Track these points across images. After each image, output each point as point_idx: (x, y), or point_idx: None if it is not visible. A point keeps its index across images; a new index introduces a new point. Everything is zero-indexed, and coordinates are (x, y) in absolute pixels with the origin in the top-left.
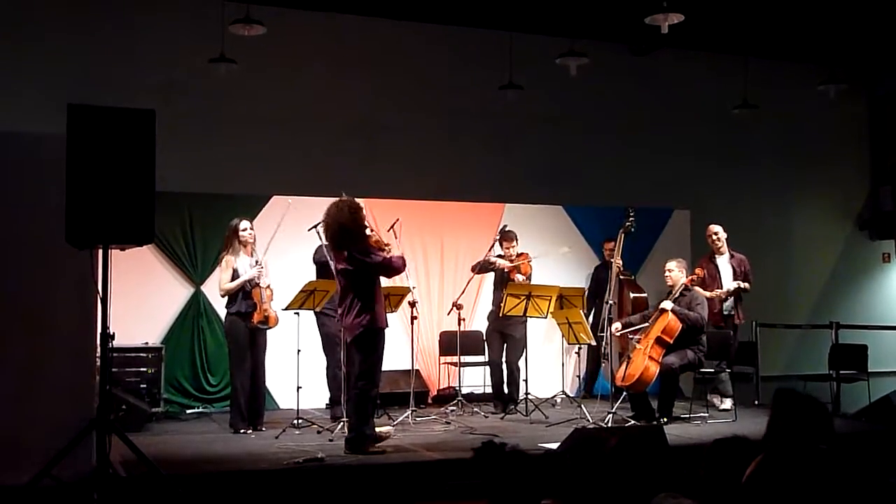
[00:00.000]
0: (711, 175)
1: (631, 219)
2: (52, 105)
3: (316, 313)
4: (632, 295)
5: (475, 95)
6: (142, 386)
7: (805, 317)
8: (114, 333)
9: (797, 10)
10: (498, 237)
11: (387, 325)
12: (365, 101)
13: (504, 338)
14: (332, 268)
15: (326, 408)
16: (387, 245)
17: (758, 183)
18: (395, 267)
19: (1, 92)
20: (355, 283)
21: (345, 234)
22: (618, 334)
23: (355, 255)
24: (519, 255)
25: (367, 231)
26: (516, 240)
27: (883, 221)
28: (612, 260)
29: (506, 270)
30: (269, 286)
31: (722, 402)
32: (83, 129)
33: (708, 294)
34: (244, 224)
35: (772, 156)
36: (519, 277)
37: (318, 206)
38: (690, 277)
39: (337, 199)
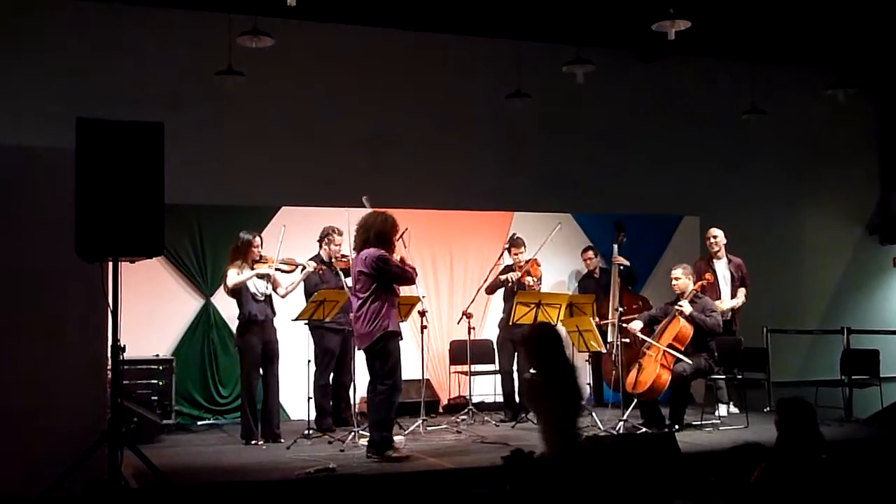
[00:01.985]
0: (720, 181)
1: (622, 233)
2: (61, 119)
3: (312, 326)
4: (635, 304)
5: (483, 104)
6: (153, 398)
7: (816, 322)
8: (124, 346)
9: (804, 15)
10: (507, 245)
11: (400, 335)
12: (373, 111)
13: (515, 346)
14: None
15: None
16: (411, 267)
17: (767, 188)
18: (408, 277)
19: (10, 107)
20: (371, 288)
21: (373, 237)
22: (639, 334)
23: (375, 259)
24: (527, 261)
25: (396, 246)
26: (524, 245)
27: (893, 226)
28: (592, 269)
29: (515, 280)
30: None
31: (718, 408)
32: (92, 142)
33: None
34: (257, 240)
35: (781, 161)
36: (530, 280)
37: (327, 218)
38: (700, 283)
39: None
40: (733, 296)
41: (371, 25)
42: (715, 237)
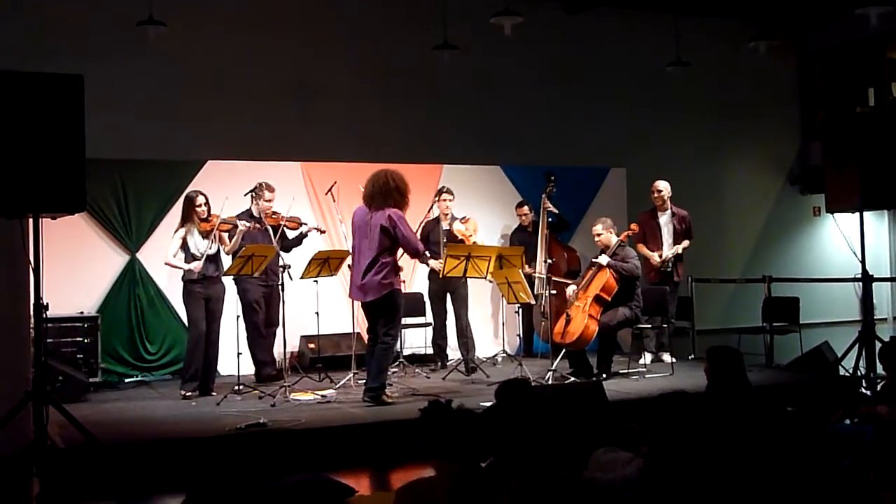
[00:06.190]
0: (646, 133)
1: (552, 184)
2: None
3: (237, 279)
4: (565, 255)
5: (411, 56)
6: (78, 356)
7: (739, 271)
8: (47, 304)
9: None
10: (436, 198)
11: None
12: (300, 63)
13: (445, 298)
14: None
15: None
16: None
17: (692, 140)
18: (416, 248)
19: None
20: (387, 244)
21: (394, 195)
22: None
23: (395, 219)
24: (462, 219)
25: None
26: (452, 194)
27: (813, 176)
28: (527, 224)
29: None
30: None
31: (643, 356)
32: (9, 96)
33: (648, 254)
34: (200, 199)
35: (705, 112)
36: (461, 228)
37: (255, 172)
38: (627, 232)
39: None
40: None
41: None
42: (660, 190)
